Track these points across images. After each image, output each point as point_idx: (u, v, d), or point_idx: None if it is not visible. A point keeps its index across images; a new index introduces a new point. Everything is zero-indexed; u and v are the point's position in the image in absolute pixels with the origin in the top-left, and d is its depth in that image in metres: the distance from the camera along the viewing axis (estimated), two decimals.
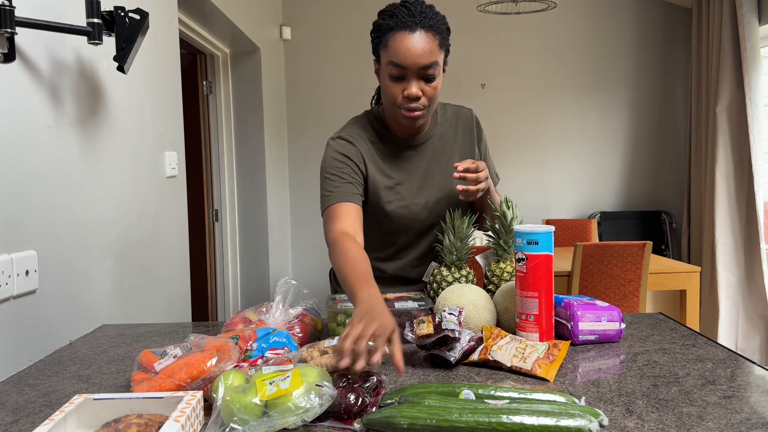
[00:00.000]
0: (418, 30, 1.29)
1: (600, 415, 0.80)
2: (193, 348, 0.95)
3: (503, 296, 1.25)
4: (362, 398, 0.85)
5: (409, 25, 1.29)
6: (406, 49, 1.28)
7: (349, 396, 0.85)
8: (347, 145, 1.43)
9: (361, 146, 1.44)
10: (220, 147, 3.54)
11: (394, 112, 1.38)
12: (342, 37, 4.36)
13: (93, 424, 0.82)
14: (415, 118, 1.36)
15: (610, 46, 4.42)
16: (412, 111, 1.34)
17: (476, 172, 1.33)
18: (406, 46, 1.28)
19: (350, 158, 1.41)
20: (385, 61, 1.33)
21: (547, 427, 0.76)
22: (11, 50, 1.20)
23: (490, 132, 1.65)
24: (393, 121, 1.44)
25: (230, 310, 3.56)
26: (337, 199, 1.36)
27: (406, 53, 1.28)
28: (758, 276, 3.54)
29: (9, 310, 1.18)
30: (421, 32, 1.29)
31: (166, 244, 2.00)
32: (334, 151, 1.43)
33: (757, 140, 3.52)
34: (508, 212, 1.33)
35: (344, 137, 1.45)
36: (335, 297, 1.31)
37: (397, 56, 1.29)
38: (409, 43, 1.28)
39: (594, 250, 2.93)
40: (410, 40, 1.28)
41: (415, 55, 1.28)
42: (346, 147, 1.43)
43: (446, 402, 0.82)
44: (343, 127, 1.50)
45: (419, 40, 1.28)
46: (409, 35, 1.29)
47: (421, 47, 1.28)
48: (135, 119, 1.79)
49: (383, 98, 1.41)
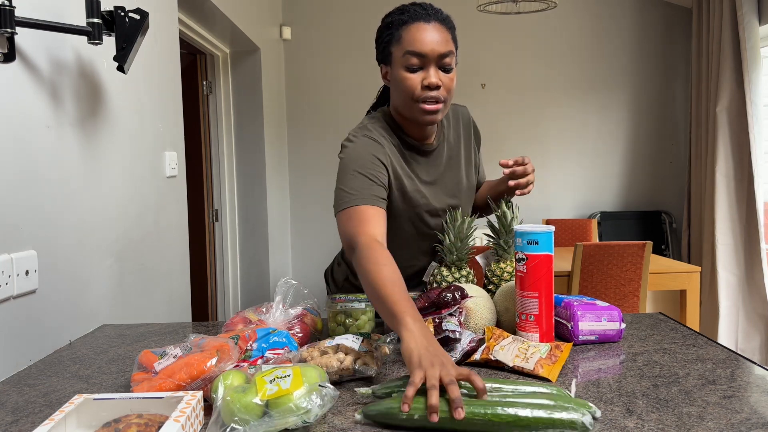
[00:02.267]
0: (432, 21, 1.29)
1: (592, 408, 0.81)
2: (193, 348, 0.95)
3: (503, 296, 1.25)
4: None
5: (424, 17, 1.29)
6: (423, 37, 1.27)
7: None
8: (375, 144, 1.34)
9: (388, 149, 1.36)
10: (220, 147, 3.54)
11: (411, 108, 1.32)
12: (342, 37, 4.36)
13: (93, 424, 0.82)
14: (434, 111, 1.31)
15: (610, 46, 4.42)
16: (432, 103, 1.30)
17: (523, 165, 1.36)
18: (423, 34, 1.27)
19: (379, 158, 1.32)
20: (400, 54, 1.29)
21: (541, 419, 0.77)
22: (11, 50, 1.20)
23: (490, 132, 1.66)
24: (408, 122, 1.38)
25: (230, 310, 3.56)
26: (366, 201, 1.25)
27: (423, 40, 1.27)
28: (758, 276, 3.54)
29: (9, 310, 1.18)
30: (436, 23, 1.29)
31: (166, 244, 2.00)
32: (363, 148, 1.33)
33: (757, 140, 3.52)
34: (508, 212, 1.33)
35: (370, 136, 1.35)
36: (335, 297, 1.30)
37: (415, 44, 1.27)
38: (426, 31, 1.28)
39: (594, 250, 2.93)
40: (427, 29, 1.28)
41: (433, 41, 1.27)
42: (374, 146, 1.33)
43: (443, 394, 0.82)
44: (364, 125, 1.41)
45: (435, 29, 1.28)
46: (425, 24, 1.28)
47: (438, 36, 1.28)
48: (135, 119, 1.79)
49: (398, 98, 1.35)
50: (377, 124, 1.40)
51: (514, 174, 1.37)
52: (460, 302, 1.09)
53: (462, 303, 1.09)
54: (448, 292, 1.09)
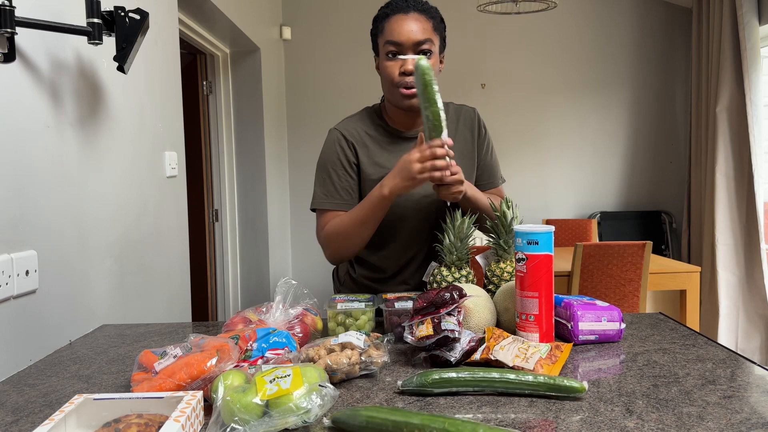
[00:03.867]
0: (411, 12, 1.40)
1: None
2: (193, 348, 0.95)
3: (503, 296, 1.25)
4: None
5: (403, 9, 1.41)
6: (400, 27, 1.39)
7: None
8: (341, 137, 1.50)
9: (354, 138, 1.50)
10: (220, 147, 3.54)
11: (393, 93, 1.44)
12: (342, 37, 4.36)
13: (93, 424, 0.82)
14: (412, 96, 1.40)
15: (611, 46, 4.42)
16: (409, 87, 1.39)
17: (446, 168, 1.30)
18: (400, 24, 1.39)
19: (344, 151, 1.49)
20: (382, 44, 1.43)
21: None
22: (11, 50, 1.20)
23: (491, 132, 1.66)
24: (395, 110, 1.50)
25: (230, 310, 3.56)
26: (333, 206, 1.49)
27: (400, 30, 1.39)
28: (758, 276, 3.54)
29: (9, 310, 1.18)
30: (415, 14, 1.40)
31: (166, 244, 2.00)
32: (332, 143, 1.50)
33: (757, 140, 3.52)
34: (508, 212, 1.33)
35: (339, 128, 1.52)
36: (335, 297, 1.31)
37: (392, 35, 1.40)
38: (403, 22, 1.39)
39: (594, 250, 2.93)
40: (404, 20, 1.40)
41: (408, 31, 1.39)
42: (340, 139, 1.50)
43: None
44: (342, 120, 1.57)
45: (413, 19, 1.40)
46: (404, 16, 1.40)
47: (414, 25, 1.39)
48: (135, 119, 1.79)
49: (383, 85, 1.47)
50: (355, 117, 1.56)
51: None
52: (458, 301, 1.09)
53: (460, 302, 1.09)
54: (446, 292, 1.09)
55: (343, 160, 1.49)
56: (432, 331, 1.04)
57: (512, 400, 0.91)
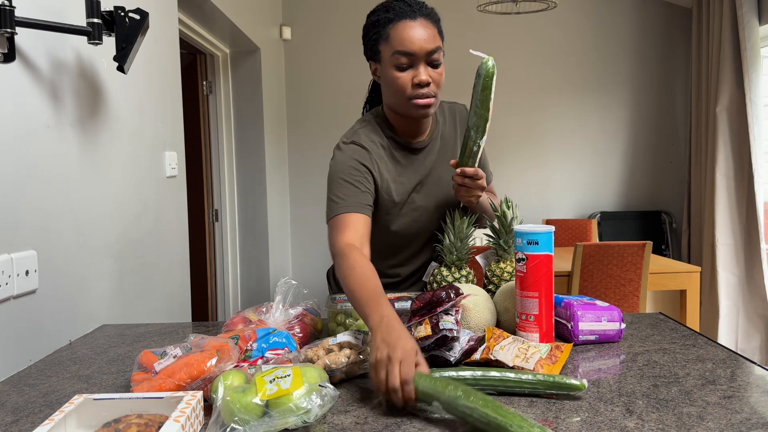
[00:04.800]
0: (418, 17, 1.30)
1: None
2: (193, 348, 0.95)
3: (503, 296, 1.25)
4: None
5: (410, 14, 1.29)
6: (411, 36, 1.28)
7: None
8: (362, 151, 1.37)
9: (374, 153, 1.39)
10: (220, 147, 3.54)
11: (405, 105, 1.34)
12: (342, 37, 4.36)
13: (93, 424, 0.82)
14: (428, 105, 1.33)
15: (610, 46, 4.42)
16: (425, 98, 1.32)
17: (476, 179, 1.33)
18: (410, 33, 1.28)
19: (365, 166, 1.36)
20: (389, 53, 1.31)
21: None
22: (11, 50, 1.20)
23: (490, 132, 1.66)
24: (401, 119, 1.41)
25: (230, 310, 3.56)
26: (348, 209, 1.30)
27: (412, 39, 1.28)
28: (758, 276, 3.54)
29: (9, 310, 1.18)
30: (422, 19, 1.30)
31: (166, 244, 2.00)
32: (349, 157, 1.36)
33: (757, 140, 3.52)
34: (508, 212, 1.33)
35: (358, 143, 1.38)
36: (335, 297, 1.31)
37: (403, 44, 1.28)
38: (414, 30, 1.28)
39: (594, 250, 2.93)
40: (414, 27, 1.29)
41: (421, 40, 1.28)
42: (361, 153, 1.37)
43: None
44: (354, 130, 1.44)
45: (422, 26, 1.29)
46: (412, 22, 1.29)
47: (425, 33, 1.29)
48: (135, 119, 1.79)
49: (389, 95, 1.37)
50: (367, 127, 1.43)
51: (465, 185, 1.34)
52: (455, 299, 1.09)
53: (457, 300, 1.09)
54: (442, 291, 1.09)
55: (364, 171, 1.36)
56: (430, 331, 1.04)
57: (512, 400, 0.91)
